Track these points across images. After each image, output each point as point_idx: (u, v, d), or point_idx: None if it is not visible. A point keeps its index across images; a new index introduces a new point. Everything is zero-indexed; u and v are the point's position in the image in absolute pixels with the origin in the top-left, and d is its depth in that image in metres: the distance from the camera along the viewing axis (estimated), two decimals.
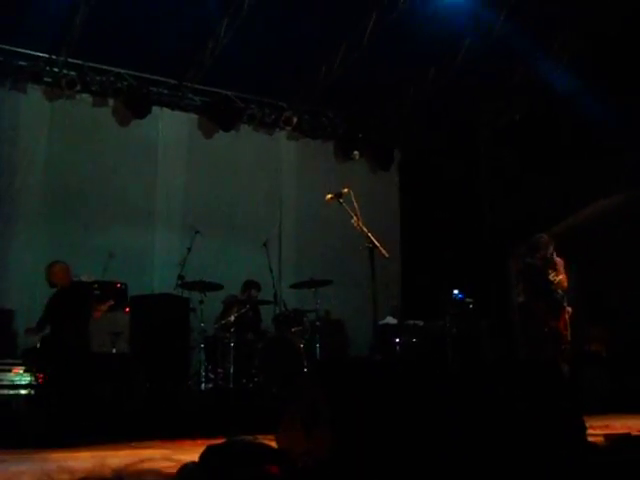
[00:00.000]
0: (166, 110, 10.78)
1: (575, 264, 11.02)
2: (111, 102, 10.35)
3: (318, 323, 8.83)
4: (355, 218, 5.83)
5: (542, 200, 11.40)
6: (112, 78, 10.08)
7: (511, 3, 9.65)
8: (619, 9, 9.56)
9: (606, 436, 5.19)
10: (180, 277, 8.65)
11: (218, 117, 10.87)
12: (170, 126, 10.85)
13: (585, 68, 10.25)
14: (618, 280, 10.23)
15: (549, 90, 10.61)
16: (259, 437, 6.09)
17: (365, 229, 5.77)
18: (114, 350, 8.21)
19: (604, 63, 9.95)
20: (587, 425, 4.38)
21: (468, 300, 10.04)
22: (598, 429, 5.72)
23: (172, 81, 10.58)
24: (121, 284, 8.89)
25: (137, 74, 10.22)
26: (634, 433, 5.59)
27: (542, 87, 10.75)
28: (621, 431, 5.73)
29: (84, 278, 8.51)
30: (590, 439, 4.74)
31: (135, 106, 10.19)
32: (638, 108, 9.48)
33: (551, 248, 8.25)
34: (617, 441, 4.99)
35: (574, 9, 9.71)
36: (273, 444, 4.12)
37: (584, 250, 10.22)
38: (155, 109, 10.49)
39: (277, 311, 9.16)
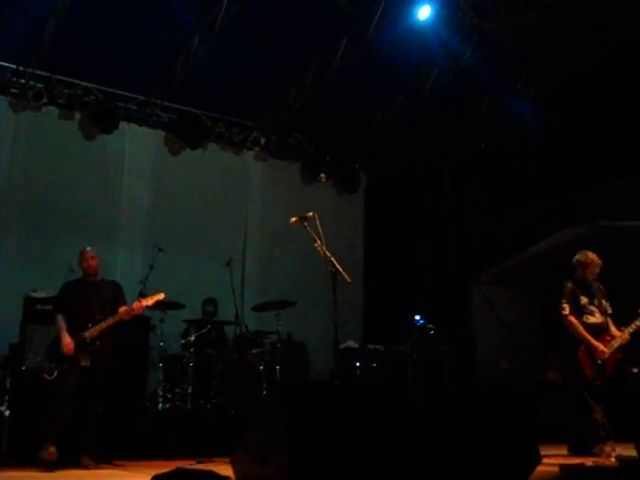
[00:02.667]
0: (133, 126, 10.72)
1: (534, 294, 11.19)
2: (78, 116, 10.25)
3: (279, 345, 8.79)
4: (319, 242, 5.83)
5: (506, 228, 11.55)
6: (80, 92, 9.98)
7: (480, 34, 9.80)
8: (584, 50, 9.81)
9: (561, 466, 5.23)
10: (141, 295, 8.54)
11: (186, 135, 10.84)
12: (137, 142, 10.78)
13: (550, 103, 10.47)
14: None
15: (515, 121, 10.80)
16: (216, 460, 6.07)
17: (328, 253, 5.77)
18: None
19: (569, 99, 10.17)
20: (543, 454, 4.41)
21: (430, 326, 10.09)
22: (553, 459, 5.77)
23: (141, 97, 10.53)
24: None
25: (105, 89, 10.14)
26: (588, 464, 5.66)
27: (508, 118, 10.93)
28: (576, 461, 5.79)
29: (38, 294, 8.40)
30: (545, 469, 4.78)
31: (102, 121, 10.11)
32: (600, 143, 9.68)
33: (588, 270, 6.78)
34: (571, 472, 5.03)
35: (541, 46, 9.91)
36: (229, 468, 4.07)
37: (544, 279, 10.35)
38: (122, 124, 10.42)
39: (238, 332, 9.10)
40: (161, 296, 6.80)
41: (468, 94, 10.82)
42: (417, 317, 10.10)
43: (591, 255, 6.76)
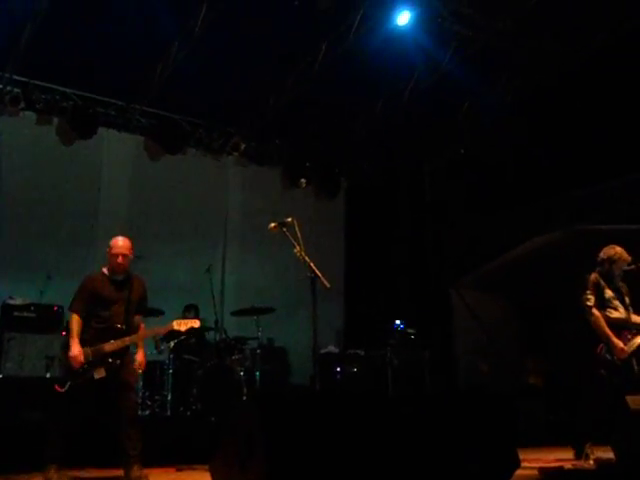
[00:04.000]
0: (112, 131, 10.63)
1: (513, 298, 11.25)
2: (56, 121, 10.16)
3: (259, 351, 8.76)
4: (298, 248, 5.82)
5: (485, 233, 11.62)
6: (58, 97, 9.90)
7: (459, 40, 9.87)
8: (562, 55, 9.92)
9: (540, 469, 5.26)
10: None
11: (165, 140, 10.79)
12: (115, 147, 10.71)
13: (528, 107, 10.56)
14: (555, 313, 10.44)
15: (493, 126, 10.88)
16: (196, 467, 6.03)
17: (307, 259, 5.76)
18: (48, 375, 7.99)
19: (547, 104, 10.27)
20: (522, 458, 4.43)
21: (410, 330, 10.12)
22: (533, 462, 5.80)
23: (119, 102, 10.47)
24: (58, 307, 8.68)
25: (84, 94, 10.07)
26: (567, 467, 5.69)
27: (487, 123, 11.01)
28: (555, 464, 5.82)
29: (15, 301, 8.27)
30: (525, 472, 4.80)
31: (80, 126, 10.02)
32: (578, 148, 9.78)
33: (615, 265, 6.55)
34: (550, 475, 5.06)
35: (519, 51, 10.00)
36: (208, 475, 4.05)
37: (522, 284, 10.42)
38: (101, 130, 10.34)
39: (218, 338, 9.06)
40: (197, 324, 6.21)
41: (447, 99, 10.90)
42: (397, 322, 10.11)
43: (619, 249, 6.53)
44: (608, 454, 5.64)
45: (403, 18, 9.27)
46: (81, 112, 10.00)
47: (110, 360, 5.57)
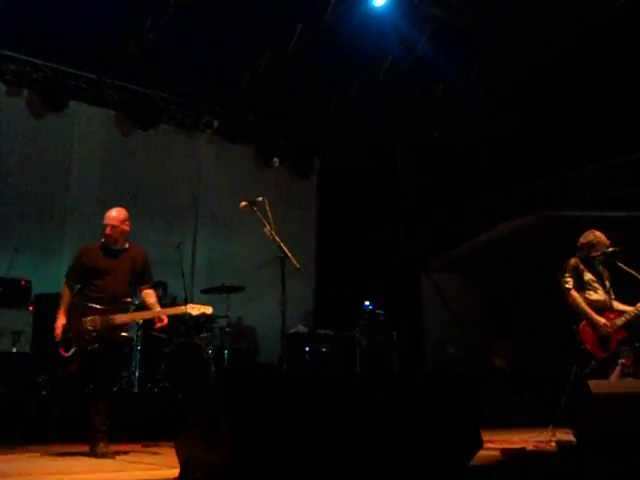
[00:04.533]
0: (83, 105, 10.46)
1: (481, 282, 11.39)
2: (26, 93, 9.98)
3: (228, 329, 8.77)
4: (268, 227, 5.82)
5: (456, 217, 11.72)
6: (28, 68, 9.72)
7: (435, 23, 9.86)
8: (537, 43, 9.97)
9: (502, 450, 5.35)
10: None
11: (137, 115, 10.64)
12: (87, 121, 10.54)
13: (502, 94, 10.61)
14: (522, 298, 10.59)
15: (467, 112, 10.92)
16: (162, 444, 6.04)
17: (277, 239, 5.76)
18: (14, 349, 7.93)
19: (521, 92, 10.33)
20: (486, 439, 4.50)
21: (379, 312, 10.18)
22: (497, 443, 5.89)
23: (91, 75, 10.30)
24: (26, 281, 8.59)
25: (55, 66, 9.89)
26: (529, 448, 5.79)
27: (460, 108, 11.05)
28: (518, 446, 5.93)
29: None
30: (487, 453, 4.88)
31: (51, 99, 9.86)
32: (549, 137, 9.87)
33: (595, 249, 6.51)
34: (512, 456, 5.15)
35: (495, 37, 10.03)
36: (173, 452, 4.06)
37: (491, 268, 10.54)
38: (72, 103, 10.17)
39: (187, 316, 9.04)
40: (209, 310, 6.16)
41: (422, 82, 10.91)
42: (367, 303, 10.17)
43: (598, 234, 6.51)
44: (569, 436, 5.76)
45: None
46: (52, 84, 9.83)
47: (118, 332, 5.64)
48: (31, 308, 8.42)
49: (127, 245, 5.93)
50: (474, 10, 9.49)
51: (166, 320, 5.89)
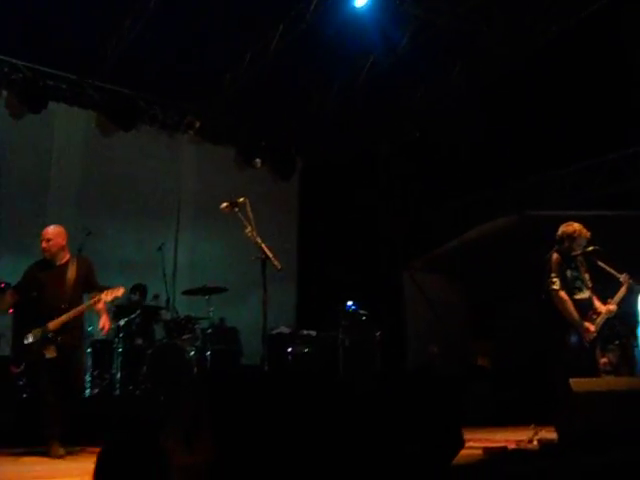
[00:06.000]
0: (63, 106, 10.40)
1: (462, 281, 11.43)
2: (4, 94, 9.91)
3: (210, 331, 8.73)
4: (249, 228, 5.80)
5: (438, 216, 11.76)
6: (6, 69, 9.66)
7: (416, 23, 9.88)
8: (518, 43, 10.02)
9: (484, 449, 5.37)
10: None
11: (118, 116, 10.57)
12: (67, 122, 10.49)
13: (482, 95, 10.67)
14: (503, 296, 10.63)
15: (447, 112, 10.96)
16: None
17: (259, 240, 5.74)
18: None
19: (501, 92, 10.38)
20: (468, 438, 4.51)
21: (361, 312, 10.18)
22: (479, 442, 5.91)
23: (71, 76, 10.23)
24: (5, 284, 8.49)
25: (34, 66, 9.82)
26: (511, 447, 5.82)
27: (441, 108, 11.09)
28: (500, 444, 5.95)
29: None
30: (469, 452, 4.89)
31: (30, 100, 9.79)
32: (529, 137, 9.93)
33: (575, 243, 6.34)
34: (494, 455, 5.17)
35: (476, 38, 10.07)
36: None
37: (472, 267, 10.58)
38: (51, 104, 10.10)
39: (169, 317, 9.00)
40: (120, 291, 6.19)
41: (403, 82, 10.93)
42: (349, 303, 10.16)
43: (577, 225, 6.30)
44: (551, 434, 5.78)
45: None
46: (31, 85, 9.76)
47: (59, 338, 5.83)
48: (11, 311, 8.32)
49: (67, 257, 6.19)
50: (455, 10, 9.51)
51: (107, 325, 6.23)
